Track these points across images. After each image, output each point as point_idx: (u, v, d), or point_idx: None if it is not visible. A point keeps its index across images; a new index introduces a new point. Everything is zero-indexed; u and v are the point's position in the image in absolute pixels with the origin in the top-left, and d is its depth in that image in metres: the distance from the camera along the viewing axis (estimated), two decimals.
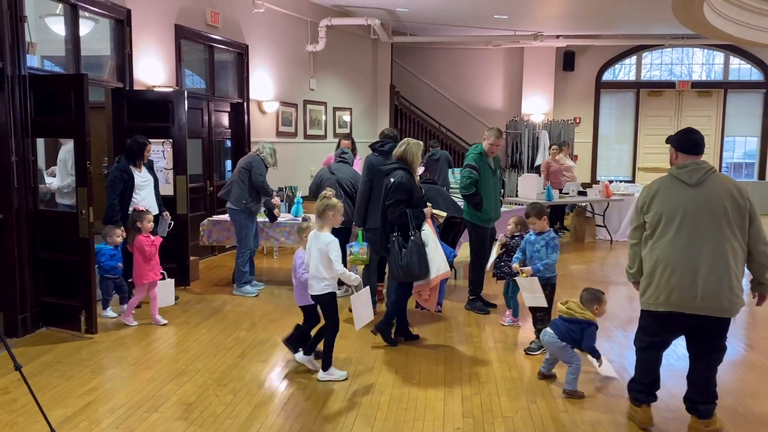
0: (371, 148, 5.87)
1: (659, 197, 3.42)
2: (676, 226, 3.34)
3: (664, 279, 3.35)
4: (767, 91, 14.04)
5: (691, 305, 3.30)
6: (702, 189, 3.32)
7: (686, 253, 3.31)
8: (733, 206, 3.29)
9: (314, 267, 4.27)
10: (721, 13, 9.03)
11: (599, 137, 14.63)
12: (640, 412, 3.59)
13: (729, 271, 3.28)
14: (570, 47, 13.95)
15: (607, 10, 10.70)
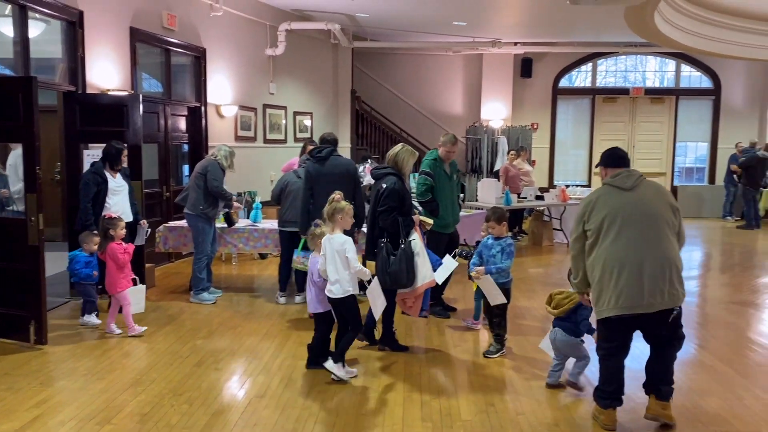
0: (309, 155, 5.88)
1: (599, 205, 3.58)
2: (617, 228, 3.50)
3: (612, 281, 3.48)
4: (716, 99, 14.51)
5: (639, 305, 3.43)
6: (637, 192, 3.55)
7: (630, 253, 3.46)
8: (666, 207, 3.55)
9: (333, 270, 4.30)
10: (671, 22, 9.30)
11: (556, 142, 14.89)
12: (606, 413, 3.67)
13: (671, 266, 3.47)
14: (527, 54, 14.18)
15: (563, 18, 10.91)
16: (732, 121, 14.43)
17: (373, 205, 4.95)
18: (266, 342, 5.22)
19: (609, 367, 3.68)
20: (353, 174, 5.84)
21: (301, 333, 5.45)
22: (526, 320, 5.96)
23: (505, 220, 4.99)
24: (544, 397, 4.13)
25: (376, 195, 5.00)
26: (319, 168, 5.71)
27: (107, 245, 5.38)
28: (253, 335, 5.40)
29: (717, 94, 14.49)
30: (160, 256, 7.88)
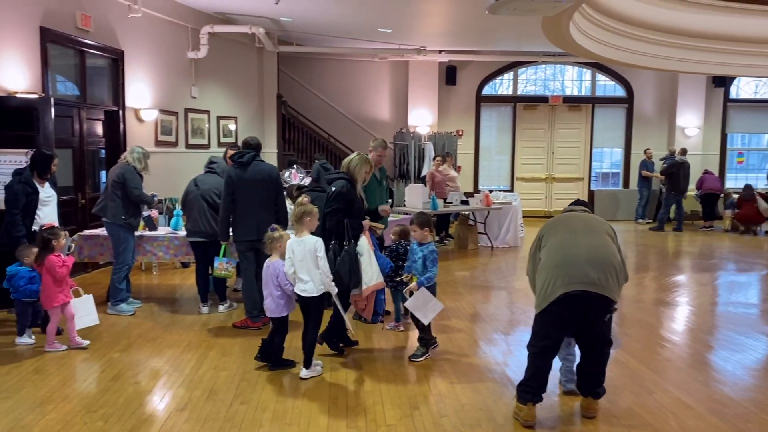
0: (231, 159, 5.81)
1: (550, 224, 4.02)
2: (563, 230, 3.89)
3: (557, 266, 3.72)
4: (629, 107, 15.25)
5: (583, 282, 3.62)
6: (578, 213, 4.07)
7: (574, 242, 3.77)
8: (604, 228, 3.91)
9: (306, 271, 4.43)
10: (586, 33, 9.71)
11: (480, 149, 15.24)
12: (525, 409, 3.80)
13: (611, 261, 3.71)
14: (452, 62, 14.47)
15: (485, 27, 11.20)
16: (644, 128, 15.20)
17: (324, 208, 4.99)
18: (188, 353, 5.08)
19: (537, 365, 3.82)
20: (276, 180, 5.80)
21: (224, 343, 5.34)
22: (452, 321, 6.06)
23: (427, 225, 5.00)
24: (468, 399, 4.20)
25: (327, 198, 5.08)
26: (241, 173, 5.64)
27: (45, 257, 5.06)
28: (174, 347, 5.24)
29: (630, 103, 15.24)
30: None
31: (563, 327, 3.82)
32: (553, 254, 3.78)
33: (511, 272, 8.83)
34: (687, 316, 6.66)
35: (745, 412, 4.03)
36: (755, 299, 7.47)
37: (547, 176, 15.26)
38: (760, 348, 5.46)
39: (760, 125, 15.67)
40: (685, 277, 8.67)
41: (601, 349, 3.88)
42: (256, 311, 5.73)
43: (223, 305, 6.37)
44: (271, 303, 4.62)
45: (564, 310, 3.70)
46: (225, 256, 5.89)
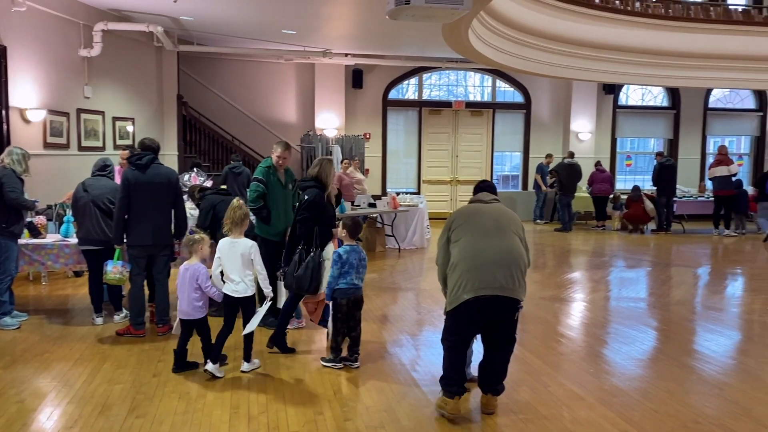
0: (129, 162, 5.60)
1: (464, 210, 4.14)
2: (472, 228, 3.98)
3: (466, 270, 3.85)
4: (527, 112, 15.91)
5: (490, 287, 3.78)
6: (491, 206, 4.12)
7: (483, 245, 3.89)
8: (514, 223, 4.07)
9: (237, 272, 4.60)
10: (484, 40, 10.04)
11: (388, 152, 15.41)
12: (452, 403, 3.93)
13: (517, 262, 3.88)
14: (358, 65, 14.54)
15: (389, 32, 11.34)
16: (541, 133, 15.91)
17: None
18: (79, 367, 4.80)
19: (453, 357, 3.98)
20: (175, 184, 5.64)
21: (119, 355, 5.09)
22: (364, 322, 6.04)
23: (345, 228, 4.90)
24: (373, 401, 4.22)
25: (299, 205, 5.25)
26: (139, 176, 5.44)
27: None
28: (64, 361, 4.94)
29: (528, 108, 15.90)
30: None
31: (473, 325, 3.96)
32: (465, 257, 3.89)
33: (418, 273, 8.98)
34: (581, 311, 7.00)
35: (631, 400, 4.29)
36: (643, 294, 7.96)
37: (452, 179, 15.64)
38: (646, 340, 5.83)
39: (646, 130, 16.80)
40: (580, 274, 9.13)
41: (505, 348, 4.03)
42: (140, 319, 5.57)
43: (119, 315, 6.08)
44: (186, 306, 4.65)
45: (473, 312, 3.86)
46: (119, 260, 5.62)
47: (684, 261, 10.29)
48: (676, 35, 12.40)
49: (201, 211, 6.33)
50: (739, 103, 17.30)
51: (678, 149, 16.65)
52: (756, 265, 9.85)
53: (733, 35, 12.66)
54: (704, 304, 7.39)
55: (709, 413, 4.08)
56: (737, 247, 11.74)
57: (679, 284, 8.39)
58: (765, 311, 6.90)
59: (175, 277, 4.88)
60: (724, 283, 8.75)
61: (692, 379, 4.74)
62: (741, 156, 17.34)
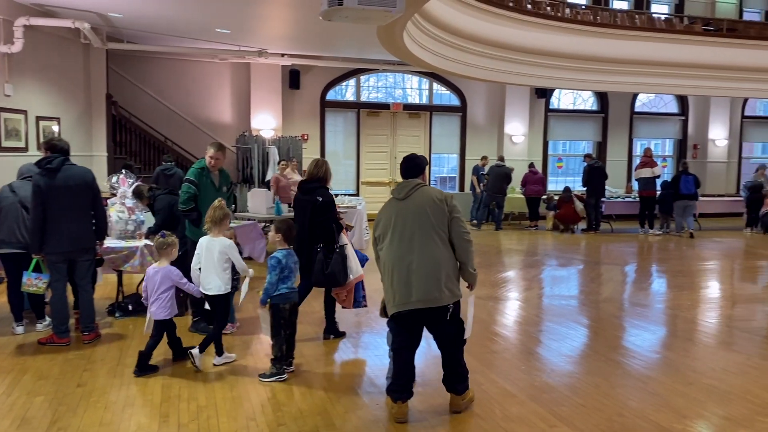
0: (37, 166, 5.34)
1: (382, 212, 4.07)
2: (390, 234, 3.94)
3: (389, 282, 3.92)
4: (463, 115, 16.16)
5: (408, 302, 3.84)
6: (408, 201, 3.95)
7: (401, 256, 3.87)
8: (433, 210, 3.88)
9: (213, 269, 4.81)
10: (420, 43, 10.14)
11: (327, 153, 15.33)
12: (396, 407, 3.95)
13: (437, 268, 3.83)
14: (295, 66, 14.41)
15: (326, 34, 11.29)
16: (476, 135, 16.20)
17: (310, 216, 5.37)
18: None
19: (397, 362, 4.01)
20: (91, 184, 5.42)
21: (40, 365, 4.87)
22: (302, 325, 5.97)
23: (280, 232, 4.76)
24: (307, 405, 4.18)
25: (312, 207, 5.40)
26: (50, 181, 5.19)
27: None
28: None
29: (464, 111, 16.15)
30: None
31: (409, 333, 4.00)
32: (386, 270, 3.93)
33: None
34: (515, 309, 7.15)
35: (560, 396, 4.41)
36: (574, 291, 8.21)
37: (391, 180, 15.71)
38: (575, 336, 6.01)
39: (576, 133, 17.36)
40: (514, 273, 9.34)
41: (449, 349, 4.05)
42: (63, 327, 5.37)
43: (41, 323, 5.82)
44: (157, 307, 4.79)
45: (402, 323, 3.96)
46: (36, 272, 5.36)
47: (612, 259, 10.67)
48: (604, 41, 12.87)
49: (157, 212, 6.25)
50: (662, 108, 18.10)
51: (606, 151, 17.27)
52: (679, 263, 10.32)
53: (657, 42, 13.25)
54: (631, 300, 7.68)
55: (632, 406, 4.24)
56: (662, 246, 12.27)
57: (607, 282, 8.70)
58: (687, 307, 7.23)
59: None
60: (649, 280, 9.13)
61: (618, 373, 4.92)
62: (665, 158, 18.14)
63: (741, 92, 15.08)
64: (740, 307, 7.26)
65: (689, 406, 4.23)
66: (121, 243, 6.37)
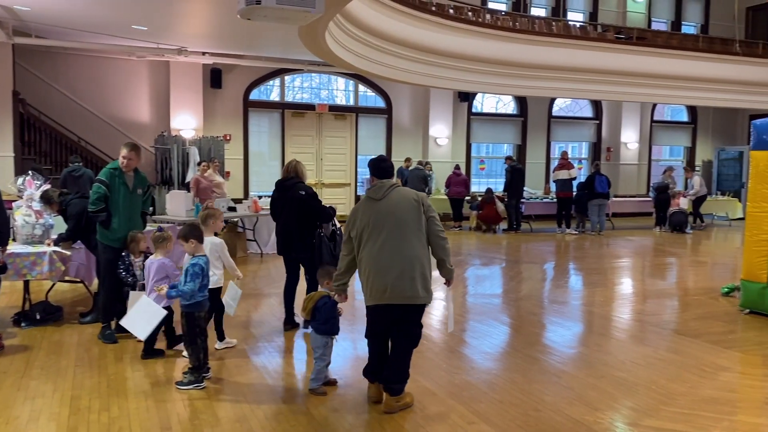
0: None
1: (359, 214, 4.15)
2: (369, 234, 4.08)
3: (369, 280, 4.08)
4: (389, 117, 16.28)
5: (377, 296, 4.06)
6: (386, 202, 4.09)
7: (379, 257, 4.03)
8: (410, 210, 4.07)
9: None
10: (343, 45, 10.13)
11: (250, 154, 15.08)
12: (373, 388, 4.25)
13: (413, 267, 4.02)
14: (217, 65, 14.09)
15: (249, 33, 11.10)
16: (402, 137, 16.35)
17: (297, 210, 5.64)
18: None
19: (370, 348, 4.28)
20: None
21: None
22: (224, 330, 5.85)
23: (192, 237, 4.61)
24: (225, 412, 4.09)
25: (299, 202, 5.70)
26: None
27: None
28: None
29: (389, 113, 16.27)
30: None
31: (382, 323, 4.19)
32: (365, 266, 4.10)
33: (281, 278, 8.76)
34: (439, 309, 7.23)
35: (479, 393, 4.50)
36: (495, 290, 8.40)
37: (317, 182, 15.62)
38: (495, 334, 6.15)
39: (498, 136, 17.82)
40: (437, 273, 9.44)
41: (400, 346, 4.17)
42: None
43: None
44: (152, 294, 4.96)
45: (375, 315, 4.19)
46: None
47: (531, 258, 11.01)
48: (523, 47, 13.27)
49: (70, 218, 6.01)
50: (578, 112, 18.85)
51: (526, 154, 17.81)
52: (594, 261, 10.76)
53: (573, 49, 13.79)
54: (549, 298, 7.93)
55: (548, 400, 4.37)
56: (578, 244, 12.77)
57: (527, 280, 8.96)
58: (601, 303, 7.55)
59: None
60: (566, 277, 9.47)
61: (535, 369, 5.07)
62: (581, 160, 18.89)
63: (650, 98, 15.89)
64: (650, 303, 7.63)
65: (600, 399, 4.41)
66: (27, 248, 6.04)
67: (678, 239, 13.66)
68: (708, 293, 8.02)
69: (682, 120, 20.18)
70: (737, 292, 7.39)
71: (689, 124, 20.11)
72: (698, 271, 9.98)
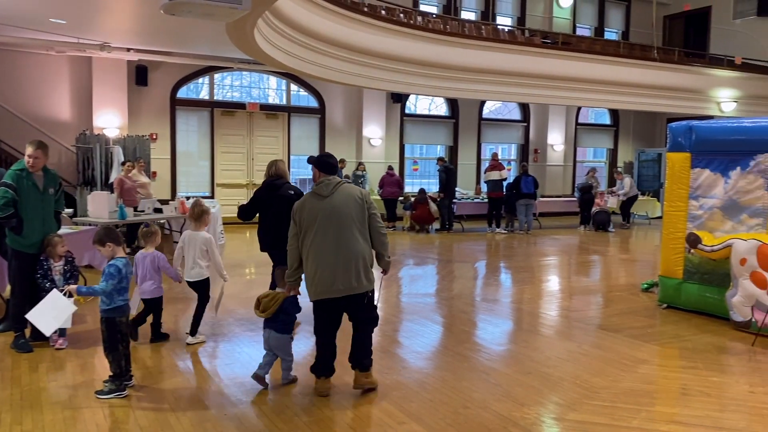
0: None
1: (304, 208, 4.34)
2: (316, 230, 4.27)
3: (316, 275, 4.26)
4: (322, 117, 16.18)
5: (325, 290, 4.25)
6: (332, 199, 4.31)
7: (326, 251, 4.24)
8: (355, 207, 4.32)
9: (192, 260, 5.49)
10: (274, 43, 9.98)
11: (178, 153, 14.66)
12: (320, 382, 4.43)
13: (357, 260, 4.27)
14: (142, 62, 13.63)
15: (176, 29, 10.78)
16: (336, 138, 16.28)
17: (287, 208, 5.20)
18: None
19: (319, 341, 4.43)
20: None
21: None
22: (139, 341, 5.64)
23: (109, 241, 4.38)
24: (149, 421, 3.94)
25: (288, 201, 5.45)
26: None
27: None
28: None
29: (322, 113, 16.18)
30: None
31: (326, 317, 4.39)
32: (313, 261, 4.27)
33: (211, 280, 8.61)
34: None
35: (409, 392, 4.51)
36: (428, 289, 8.46)
37: (248, 182, 15.36)
38: (427, 333, 6.19)
39: (431, 137, 18.02)
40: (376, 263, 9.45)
41: (364, 327, 4.44)
42: None
43: None
44: (150, 285, 5.43)
45: (323, 308, 4.38)
46: None
47: (463, 257, 11.18)
48: (454, 50, 13.47)
49: None
50: (507, 115, 19.31)
51: (458, 155, 18.09)
52: (522, 259, 11.02)
53: (501, 52, 14.10)
54: (479, 296, 8.07)
55: (476, 397, 4.43)
56: (507, 243, 13.06)
57: (458, 278, 9.09)
58: (529, 300, 7.74)
59: None
60: (496, 276, 9.66)
61: (465, 367, 5.13)
62: (510, 162, 19.36)
63: (574, 101, 16.45)
64: (576, 299, 7.88)
65: (527, 394, 4.50)
66: None
67: (601, 237, 14.18)
68: (629, 289, 8.36)
69: (605, 123, 21.00)
70: (656, 288, 7.72)
71: (611, 127, 20.95)
72: (620, 268, 10.39)
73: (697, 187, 6.94)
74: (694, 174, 6.97)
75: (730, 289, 6.38)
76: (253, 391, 4.47)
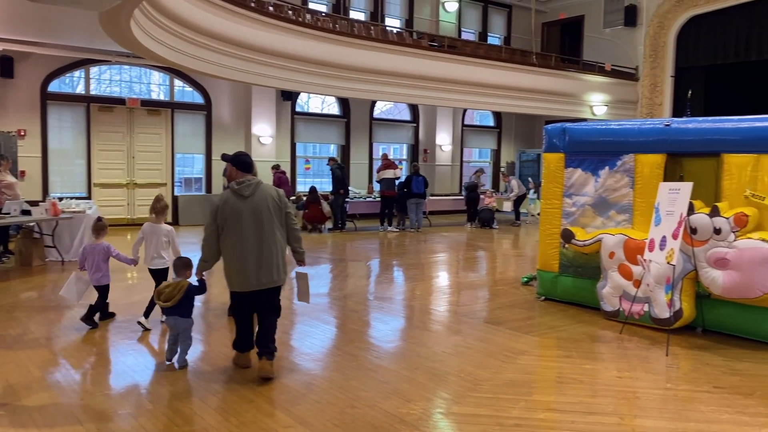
0: None
1: (226, 207, 4.69)
2: (235, 227, 4.66)
3: (234, 270, 4.70)
4: (208, 114, 15.66)
5: (249, 284, 4.69)
6: (252, 199, 4.71)
7: (250, 248, 4.65)
8: (273, 206, 4.77)
9: (154, 250, 6.06)
10: (154, 37, 9.52)
11: (50, 151, 13.64)
12: (243, 357, 4.97)
13: (273, 257, 4.72)
14: (7, 52, 12.55)
15: (46, 17, 10.06)
16: (223, 135, 15.80)
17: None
18: None
19: (239, 324, 4.96)
20: None
21: None
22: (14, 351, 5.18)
23: None
24: None
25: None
26: None
27: None
28: None
29: (209, 110, 15.65)
30: None
31: (247, 302, 4.84)
32: (234, 258, 4.68)
33: None
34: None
35: (296, 395, 4.45)
36: (322, 289, 8.38)
37: (129, 182, 14.58)
38: (316, 334, 6.13)
39: (323, 136, 17.95)
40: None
41: (270, 317, 4.86)
42: None
43: None
44: (97, 273, 6.09)
45: (240, 298, 4.86)
46: None
47: (355, 256, 11.22)
48: (344, 49, 13.49)
49: None
50: (398, 115, 19.60)
51: (350, 154, 18.15)
52: (413, 256, 11.23)
53: (390, 54, 14.29)
54: (371, 294, 8.12)
55: (364, 396, 4.44)
56: (399, 241, 13.26)
57: (351, 277, 9.11)
58: (420, 297, 7.88)
59: None
60: (387, 273, 9.77)
61: (353, 366, 5.13)
62: (401, 161, 19.66)
63: (460, 103, 16.96)
64: (463, 294, 8.11)
65: (414, 390, 4.57)
66: None
67: (486, 234, 14.74)
68: (511, 283, 8.73)
69: (488, 124, 21.85)
70: (535, 282, 8.12)
71: (495, 129, 21.83)
72: (503, 264, 10.84)
73: (570, 185, 7.36)
74: (567, 173, 7.38)
75: (600, 281, 6.82)
76: (128, 401, 4.23)
